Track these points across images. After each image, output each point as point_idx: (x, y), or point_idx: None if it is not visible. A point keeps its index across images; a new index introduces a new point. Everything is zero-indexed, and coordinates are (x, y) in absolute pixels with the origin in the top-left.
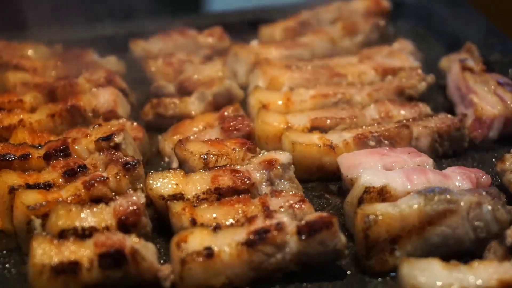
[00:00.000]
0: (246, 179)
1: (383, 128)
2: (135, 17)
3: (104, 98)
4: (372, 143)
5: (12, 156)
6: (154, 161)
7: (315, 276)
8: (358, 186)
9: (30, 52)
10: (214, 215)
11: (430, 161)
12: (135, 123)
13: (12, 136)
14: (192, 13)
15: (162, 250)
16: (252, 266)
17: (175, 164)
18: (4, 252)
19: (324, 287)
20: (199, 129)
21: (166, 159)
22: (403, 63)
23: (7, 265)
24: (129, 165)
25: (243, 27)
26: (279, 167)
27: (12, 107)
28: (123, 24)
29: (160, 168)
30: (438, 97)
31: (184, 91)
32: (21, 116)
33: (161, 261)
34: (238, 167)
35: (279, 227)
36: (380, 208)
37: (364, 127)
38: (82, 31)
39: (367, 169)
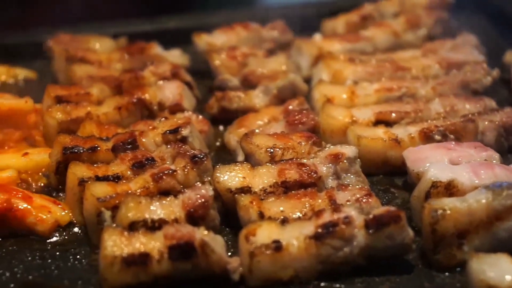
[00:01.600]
0: (312, 173)
1: (448, 123)
2: (193, 10)
3: (170, 91)
4: (437, 137)
5: (81, 148)
6: (218, 154)
7: (382, 270)
8: (425, 181)
9: (95, 45)
10: (281, 208)
11: (497, 155)
12: (200, 116)
13: (80, 129)
14: (252, 6)
15: (230, 242)
16: (320, 259)
17: (240, 157)
18: (75, 243)
19: (392, 281)
20: (264, 123)
21: (231, 152)
22: (467, 57)
23: (77, 256)
24: (196, 158)
25: (305, 20)
26: (345, 161)
27: (79, 100)
28: (185, 16)
29: (226, 161)
30: (503, 91)
31: (248, 84)
32: (88, 109)
33: (228, 253)
34: (305, 160)
35: (347, 221)
36: (448, 203)
37: (429, 121)
38: (146, 24)
39: (433, 163)
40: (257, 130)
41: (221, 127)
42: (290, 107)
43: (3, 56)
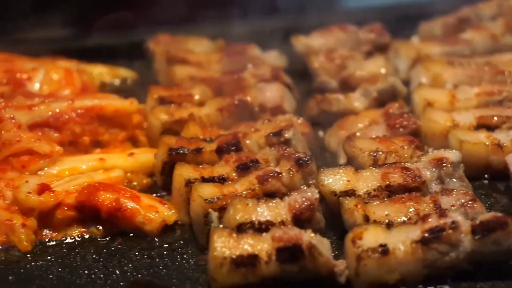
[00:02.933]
0: (416, 177)
1: None
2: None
3: (271, 93)
4: None
5: (186, 149)
6: (318, 156)
7: (488, 274)
8: None
9: (193, 46)
10: (386, 212)
11: None
12: (301, 118)
13: (184, 130)
14: (346, 8)
15: (333, 245)
16: (426, 264)
17: (342, 160)
18: (181, 242)
19: (497, 286)
20: (364, 125)
21: (331, 155)
22: None
23: (185, 256)
24: (301, 161)
25: (400, 22)
26: (449, 165)
27: (181, 101)
28: (280, 18)
29: (325, 164)
30: None
31: (346, 87)
32: (191, 110)
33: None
34: (408, 164)
35: (454, 226)
36: None
37: None
38: (243, 25)
39: None
40: (357, 133)
41: (317, 129)
42: (391, 110)
43: (105, 57)
